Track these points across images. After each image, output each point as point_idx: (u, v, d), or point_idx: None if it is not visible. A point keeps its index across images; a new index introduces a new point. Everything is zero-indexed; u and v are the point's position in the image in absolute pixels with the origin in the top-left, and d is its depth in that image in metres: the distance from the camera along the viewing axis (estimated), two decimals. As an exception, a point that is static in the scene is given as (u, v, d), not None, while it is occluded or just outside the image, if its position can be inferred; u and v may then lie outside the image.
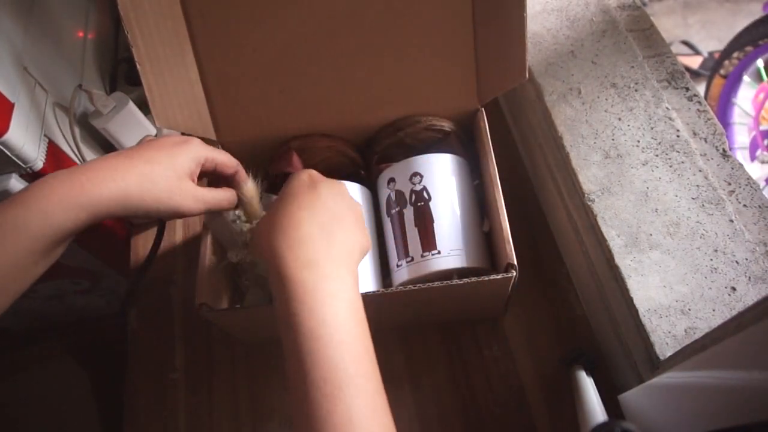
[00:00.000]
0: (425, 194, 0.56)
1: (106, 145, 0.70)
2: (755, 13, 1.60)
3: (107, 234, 0.71)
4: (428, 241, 0.54)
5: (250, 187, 0.53)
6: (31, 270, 0.41)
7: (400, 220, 0.56)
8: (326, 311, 0.35)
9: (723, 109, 1.59)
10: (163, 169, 0.44)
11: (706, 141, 0.56)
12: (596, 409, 0.48)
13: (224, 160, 0.51)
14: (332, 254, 0.39)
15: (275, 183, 0.62)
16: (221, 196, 0.50)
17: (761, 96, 1.50)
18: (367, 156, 0.63)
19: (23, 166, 0.57)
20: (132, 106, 0.66)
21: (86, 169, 0.41)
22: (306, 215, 0.40)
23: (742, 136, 1.58)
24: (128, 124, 0.67)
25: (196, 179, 0.48)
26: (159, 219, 0.61)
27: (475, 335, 0.62)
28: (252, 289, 0.58)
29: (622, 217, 0.53)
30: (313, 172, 0.46)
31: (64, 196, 0.39)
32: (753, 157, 1.52)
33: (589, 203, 0.54)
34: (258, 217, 0.54)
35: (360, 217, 0.45)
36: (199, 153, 0.48)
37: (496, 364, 0.60)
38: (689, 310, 0.48)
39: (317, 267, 0.37)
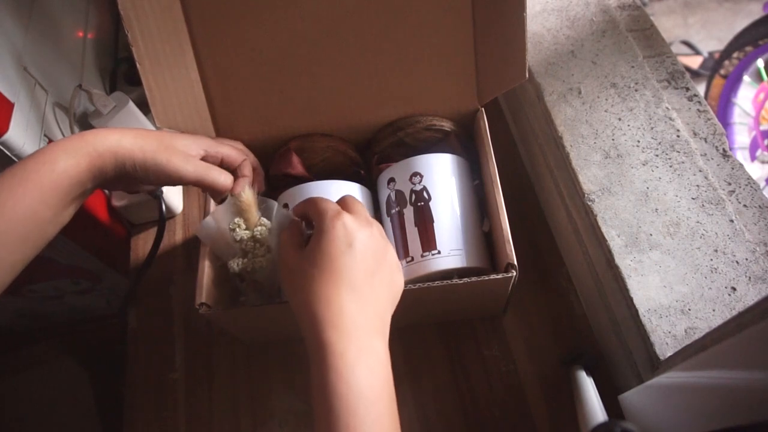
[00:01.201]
0: (425, 194, 0.56)
1: (106, 145, 0.70)
2: (755, 13, 1.61)
3: (107, 234, 0.71)
4: (428, 241, 0.54)
5: (247, 195, 0.52)
6: (47, 224, 0.42)
7: (400, 220, 0.56)
8: (362, 384, 0.37)
9: (723, 109, 1.59)
10: (160, 135, 0.47)
11: (706, 141, 0.56)
12: (596, 409, 0.48)
13: (229, 152, 0.52)
14: (368, 322, 0.40)
15: (277, 185, 0.62)
16: (216, 172, 0.50)
17: (761, 96, 1.50)
18: (367, 156, 0.63)
19: (23, 166, 0.57)
20: (132, 106, 0.66)
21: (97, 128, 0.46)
22: (344, 284, 0.40)
23: (742, 136, 1.58)
24: (128, 124, 0.66)
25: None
26: (154, 190, 0.61)
27: (475, 335, 0.62)
28: (251, 295, 0.58)
29: (622, 217, 0.53)
30: (347, 219, 0.42)
31: (66, 143, 0.43)
32: (753, 157, 1.52)
33: (589, 203, 0.54)
34: (257, 224, 0.53)
35: (391, 259, 0.44)
36: (203, 141, 0.50)
37: (496, 364, 0.60)
38: (689, 310, 0.48)
39: (355, 339, 0.38)
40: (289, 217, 0.51)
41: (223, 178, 0.51)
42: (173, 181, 0.48)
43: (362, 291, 0.41)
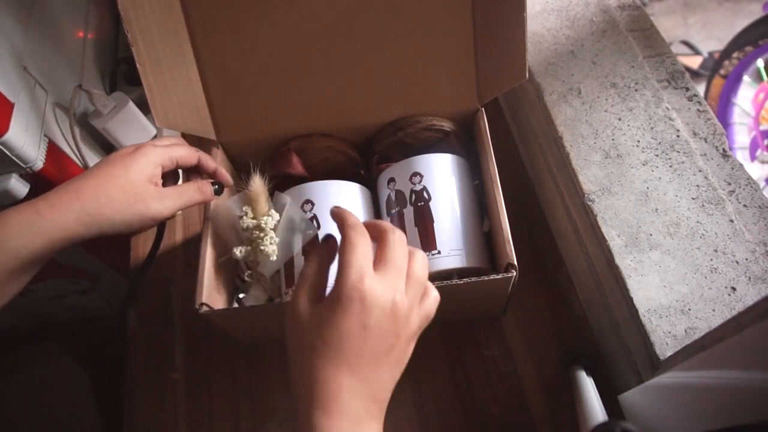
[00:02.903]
0: (425, 194, 0.56)
1: (106, 145, 0.70)
2: (755, 13, 1.60)
3: (107, 234, 0.71)
4: (428, 241, 0.54)
5: (256, 184, 0.53)
6: None
7: (400, 220, 0.56)
8: None
9: (723, 109, 1.59)
10: (118, 181, 0.44)
11: (706, 141, 0.56)
12: (596, 409, 0.48)
13: (183, 153, 0.50)
14: (364, 408, 0.37)
15: (277, 185, 0.62)
16: (188, 188, 0.49)
17: (761, 96, 1.50)
18: (367, 156, 0.63)
19: (23, 166, 0.57)
20: (132, 106, 0.66)
21: (44, 197, 0.42)
22: (348, 367, 0.37)
23: (742, 136, 1.58)
24: (128, 124, 0.67)
25: (159, 182, 0.48)
26: (132, 232, 0.60)
27: (475, 335, 0.62)
28: (253, 288, 0.58)
29: (622, 217, 0.53)
30: (368, 290, 0.36)
31: (19, 223, 0.40)
32: (753, 157, 1.52)
33: (589, 203, 0.54)
34: (265, 214, 0.54)
35: (406, 335, 0.40)
36: (154, 156, 0.47)
37: (496, 364, 0.60)
38: (689, 310, 0.48)
39: (346, 426, 0.36)
40: (308, 226, 0.51)
41: (198, 194, 0.50)
42: (156, 223, 0.47)
43: (366, 375, 0.38)
